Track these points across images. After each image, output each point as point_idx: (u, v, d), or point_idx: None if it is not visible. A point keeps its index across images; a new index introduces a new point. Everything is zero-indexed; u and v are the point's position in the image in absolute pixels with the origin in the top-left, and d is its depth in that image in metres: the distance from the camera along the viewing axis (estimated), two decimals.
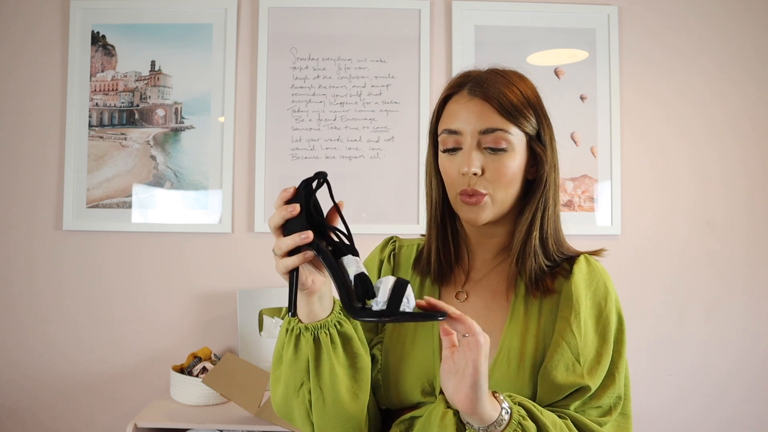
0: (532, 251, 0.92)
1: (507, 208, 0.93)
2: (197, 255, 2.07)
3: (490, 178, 0.89)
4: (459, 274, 0.99)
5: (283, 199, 0.78)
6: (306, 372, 0.85)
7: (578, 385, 0.86)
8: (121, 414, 2.04)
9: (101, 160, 2.09)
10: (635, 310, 2.08)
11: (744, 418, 2.09)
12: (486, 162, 0.89)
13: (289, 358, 0.85)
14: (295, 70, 2.11)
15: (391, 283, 0.73)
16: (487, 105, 0.89)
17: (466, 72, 0.95)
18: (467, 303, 0.95)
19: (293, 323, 0.84)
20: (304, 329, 0.83)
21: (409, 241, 1.06)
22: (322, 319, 0.84)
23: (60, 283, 2.08)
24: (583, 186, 2.10)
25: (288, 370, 0.86)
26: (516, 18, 2.13)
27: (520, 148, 0.91)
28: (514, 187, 0.92)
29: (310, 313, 0.83)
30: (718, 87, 2.14)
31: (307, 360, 0.84)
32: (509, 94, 0.90)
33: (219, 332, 2.07)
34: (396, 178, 2.09)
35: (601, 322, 0.90)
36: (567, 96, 2.11)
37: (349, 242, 0.78)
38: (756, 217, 2.12)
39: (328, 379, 0.84)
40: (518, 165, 0.91)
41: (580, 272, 0.92)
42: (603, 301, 0.92)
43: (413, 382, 0.90)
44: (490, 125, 0.89)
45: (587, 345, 0.88)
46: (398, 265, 1.03)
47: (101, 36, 2.11)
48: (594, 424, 0.86)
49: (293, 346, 0.85)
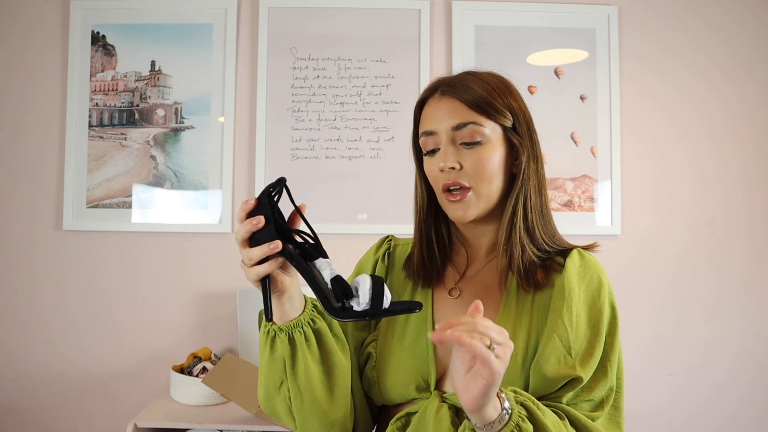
0: (518, 243, 0.92)
1: (493, 203, 0.93)
2: (197, 255, 2.07)
3: (470, 171, 0.90)
4: (451, 272, 1.00)
5: (245, 211, 0.79)
6: (284, 371, 0.88)
7: (570, 376, 0.86)
8: (121, 414, 2.04)
9: (101, 160, 2.09)
10: (635, 309, 2.09)
11: (744, 418, 2.09)
12: (463, 157, 0.91)
13: (266, 359, 0.88)
14: (295, 70, 2.11)
15: (369, 283, 0.77)
16: (457, 101, 0.91)
17: (440, 77, 0.97)
18: (460, 299, 0.96)
19: (268, 326, 0.86)
20: (279, 330, 0.86)
21: (404, 240, 1.07)
22: (295, 319, 0.86)
23: (60, 283, 2.08)
24: (583, 186, 2.10)
25: (267, 370, 0.89)
26: (516, 18, 2.13)
27: (496, 141, 0.92)
28: (497, 181, 0.92)
29: (283, 314, 0.85)
30: (718, 87, 2.14)
31: (283, 359, 0.87)
32: (478, 89, 0.91)
33: (219, 332, 2.07)
34: (396, 178, 2.09)
35: (593, 314, 0.90)
36: (567, 96, 2.11)
37: (315, 242, 0.81)
38: (756, 217, 2.12)
39: (303, 377, 0.87)
40: (498, 158, 0.92)
41: (573, 265, 0.92)
42: (596, 293, 0.92)
43: (408, 378, 0.91)
44: (462, 120, 0.90)
45: (579, 337, 0.88)
46: (392, 264, 1.04)
47: (101, 36, 2.11)
48: (588, 420, 0.86)
49: (269, 348, 0.87)
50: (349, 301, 0.77)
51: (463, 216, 0.92)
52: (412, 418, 0.90)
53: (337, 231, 2.07)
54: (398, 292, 1.01)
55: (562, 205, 2.09)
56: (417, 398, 0.92)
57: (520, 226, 0.92)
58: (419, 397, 0.91)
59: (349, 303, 0.77)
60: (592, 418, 0.88)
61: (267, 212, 0.79)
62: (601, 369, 0.89)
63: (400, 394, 0.93)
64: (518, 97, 0.95)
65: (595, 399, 0.89)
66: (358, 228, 2.08)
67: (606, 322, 0.91)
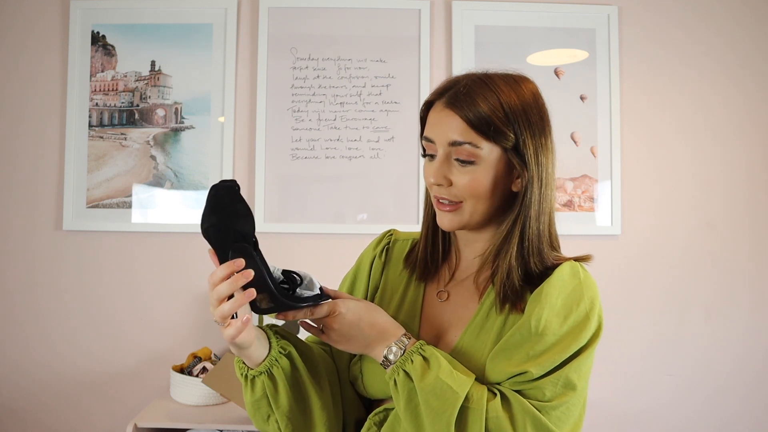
0: (506, 267, 0.88)
1: (481, 220, 0.91)
2: (197, 255, 2.07)
3: (460, 190, 0.89)
4: (445, 272, 1.00)
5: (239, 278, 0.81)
6: (269, 407, 0.90)
7: (520, 371, 0.82)
8: (121, 414, 2.04)
9: (101, 160, 2.09)
10: (635, 310, 2.09)
11: (744, 418, 2.09)
12: (455, 173, 0.89)
13: (250, 400, 0.91)
14: (295, 70, 2.11)
15: (310, 275, 0.86)
16: (458, 118, 0.87)
17: (455, 78, 0.93)
18: (447, 302, 0.97)
19: (244, 370, 0.89)
20: (258, 374, 0.88)
21: (405, 235, 1.08)
22: (268, 356, 0.88)
23: (60, 283, 2.08)
24: (583, 186, 2.11)
25: (252, 408, 0.92)
26: (516, 18, 2.13)
27: (490, 162, 0.87)
28: (486, 200, 0.89)
29: (257, 359, 0.88)
30: (718, 87, 2.14)
31: (266, 396, 0.89)
32: (483, 106, 0.86)
33: (219, 332, 2.06)
34: (396, 178, 2.09)
35: (567, 323, 0.84)
36: (567, 96, 2.11)
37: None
38: (756, 217, 2.12)
39: (286, 405, 0.90)
40: (489, 178, 0.88)
41: (559, 274, 0.87)
42: (575, 304, 0.85)
43: (386, 376, 0.91)
44: (458, 138, 0.87)
45: (543, 339, 0.83)
46: (390, 260, 1.05)
47: (101, 36, 2.11)
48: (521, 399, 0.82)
49: (250, 390, 0.90)
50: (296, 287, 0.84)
51: (444, 225, 0.92)
52: (390, 413, 0.91)
53: (336, 231, 2.07)
54: (393, 286, 1.02)
55: (562, 205, 2.10)
56: None
57: (512, 253, 0.88)
58: None
59: (295, 289, 0.84)
60: (539, 408, 0.83)
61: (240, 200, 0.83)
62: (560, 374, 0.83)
63: (381, 391, 0.94)
64: (531, 112, 0.88)
65: (545, 395, 0.83)
66: (357, 228, 2.08)
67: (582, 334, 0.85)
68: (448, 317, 0.95)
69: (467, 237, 0.98)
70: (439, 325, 0.95)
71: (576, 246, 1.01)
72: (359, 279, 1.06)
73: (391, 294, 1.01)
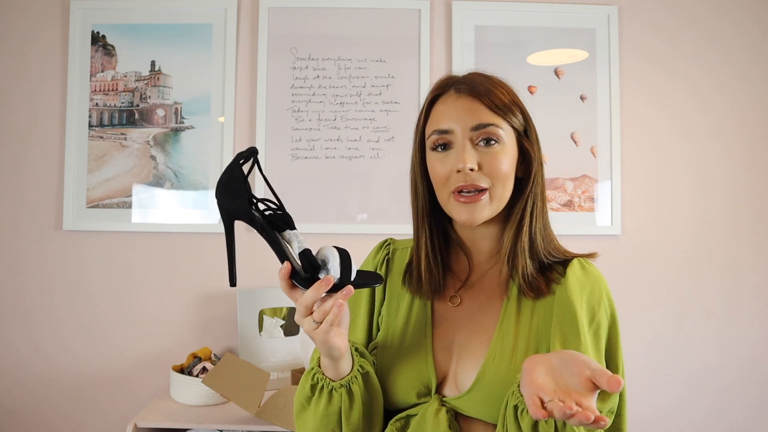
0: (524, 250, 0.91)
1: (503, 206, 0.92)
2: (197, 255, 2.07)
3: (487, 172, 0.89)
4: (451, 280, 0.98)
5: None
6: (338, 422, 0.89)
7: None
8: (121, 414, 2.04)
9: (101, 160, 2.09)
10: (635, 310, 2.08)
11: (750, 420, 2.09)
12: (481, 157, 0.89)
13: (321, 412, 0.89)
14: (295, 70, 2.11)
15: (337, 255, 0.80)
16: (477, 101, 0.90)
17: (448, 75, 0.97)
18: (461, 307, 0.95)
19: (321, 381, 0.88)
20: (338, 386, 0.87)
21: (403, 243, 1.05)
22: (352, 372, 0.88)
23: (60, 283, 2.08)
24: (583, 186, 2.10)
25: (319, 422, 0.90)
26: (516, 18, 2.13)
27: (510, 144, 0.91)
28: (510, 183, 0.92)
29: (341, 372, 0.87)
30: (718, 87, 2.14)
31: (339, 411, 0.88)
32: (496, 92, 0.91)
33: (219, 332, 2.07)
34: (396, 179, 2.09)
35: (593, 326, 0.90)
36: (567, 96, 2.10)
37: (282, 213, 0.84)
38: (757, 217, 2.12)
39: (357, 420, 0.88)
40: (511, 160, 0.91)
41: (574, 275, 0.91)
42: (596, 305, 0.91)
43: (409, 386, 0.91)
44: (482, 120, 0.89)
45: (587, 350, 0.87)
46: (391, 270, 1.02)
47: (101, 36, 2.11)
48: None
49: (325, 401, 0.88)
50: (317, 273, 0.81)
51: (473, 219, 0.90)
52: (411, 420, 0.90)
53: (337, 231, 2.07)
54: (398, 299, 0.99)
55: (562, 205, 2.09)
56: (418, 403, 0.92)
57: (526, 232, 0.92)
58: (419, 402, 0.91)
59: (317, 275, 0.81)
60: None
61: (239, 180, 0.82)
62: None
63: (402, 401, 0.93)
64: (524, 105, 0.96)
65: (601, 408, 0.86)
66: (357, 228, 2.08)
67: (604, 335, 0.91)
68: (466, 320, 0.94)
69: (475, 237, 0.97)
70: (455, 330, 0.94)
71: (576, 246, 1.01)
72: (362, 294, 1.02)
73: (397, 305, 0.99)
